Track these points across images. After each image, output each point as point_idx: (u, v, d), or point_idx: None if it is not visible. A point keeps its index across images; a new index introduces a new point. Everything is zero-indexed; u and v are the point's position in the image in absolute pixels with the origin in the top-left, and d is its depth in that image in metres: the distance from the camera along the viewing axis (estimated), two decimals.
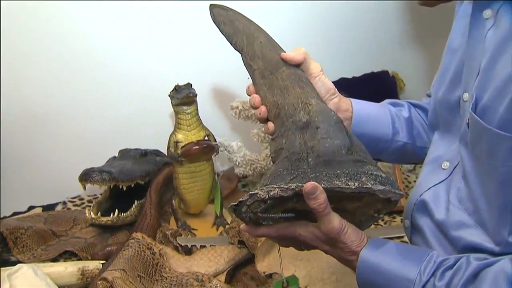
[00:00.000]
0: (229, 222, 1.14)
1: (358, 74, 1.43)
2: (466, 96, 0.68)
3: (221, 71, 1.36)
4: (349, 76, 1.41)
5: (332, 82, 0.82)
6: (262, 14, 0.88)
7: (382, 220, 1.12)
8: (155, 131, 1.33)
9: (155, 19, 1.28)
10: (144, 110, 1.34)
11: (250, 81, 0.80)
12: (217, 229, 1.14)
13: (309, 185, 0.60)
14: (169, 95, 1.08)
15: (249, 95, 0.80)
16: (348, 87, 0.94)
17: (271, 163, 1.24)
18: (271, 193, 0.61)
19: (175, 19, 1.30)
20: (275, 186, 0.62)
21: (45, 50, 1.23)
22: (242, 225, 0.69)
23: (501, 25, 0.61)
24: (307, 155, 0.65)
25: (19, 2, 1.17)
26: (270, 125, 0.76)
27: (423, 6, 0.74)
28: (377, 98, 0.92)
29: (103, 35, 1.26)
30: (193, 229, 1.13)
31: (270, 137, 0.76)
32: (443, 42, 0.78)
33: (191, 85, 1.08)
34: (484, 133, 0.60)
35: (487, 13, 0.64)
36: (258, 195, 0.62)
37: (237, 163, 1.27)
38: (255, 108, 0.78)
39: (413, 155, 0.89)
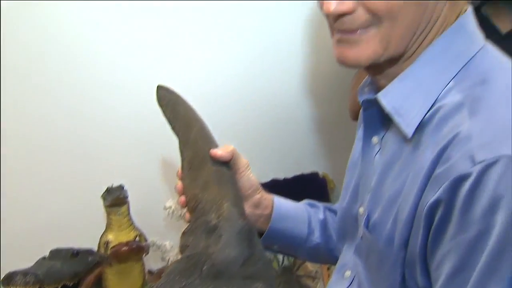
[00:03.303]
0: None
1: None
2: (361, 210, 0.74)
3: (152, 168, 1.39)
4: (281, 177, 1.47)
5: (264, 183, 0.86)
6: None
7: None
8: (91, 228, 1.33)
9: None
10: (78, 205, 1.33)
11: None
12: None
13: None
14: (101, 197, 1.12)
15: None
16: (279, 188, 1.00)
17: None
18: None
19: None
20: None
21: None
22: None
23: (385, 151, 0.70)
24: (205, 262, 0.66)
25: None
26: (188, 216, 0.79)
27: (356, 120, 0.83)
28: (308, 199, 0.98)
29: None
30: None
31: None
32: None
33: (123, 187, 1.13)
34: (373, 247, 0.66)
35: (375, 139, 0.73)
36: None
37: (170, 263, 1.28)
38: (178, 194, 0.81)
39: (325, 256, 0.94)
